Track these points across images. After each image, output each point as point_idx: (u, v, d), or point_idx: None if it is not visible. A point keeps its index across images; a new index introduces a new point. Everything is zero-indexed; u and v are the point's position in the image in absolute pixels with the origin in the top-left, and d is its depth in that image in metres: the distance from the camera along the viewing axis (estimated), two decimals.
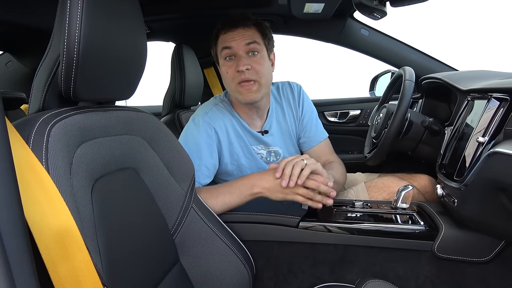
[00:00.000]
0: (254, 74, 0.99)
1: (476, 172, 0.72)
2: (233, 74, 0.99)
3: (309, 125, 1.20)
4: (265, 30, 1.04)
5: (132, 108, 0.74)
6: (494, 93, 0.77)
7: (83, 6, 0.55)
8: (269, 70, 1.05)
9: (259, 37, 1.02)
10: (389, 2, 0.95)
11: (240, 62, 0.97)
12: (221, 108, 1.11)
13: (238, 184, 0.93)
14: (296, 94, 1.19)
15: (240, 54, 0.99)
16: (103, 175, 0.64)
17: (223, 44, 1.00)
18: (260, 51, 1.01)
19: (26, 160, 0.50)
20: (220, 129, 1.08)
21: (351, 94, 2.07)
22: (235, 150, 1.10)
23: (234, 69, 0.99)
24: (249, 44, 0.99)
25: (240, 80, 0.98)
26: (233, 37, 0.99)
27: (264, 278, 0.95)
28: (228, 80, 1.02)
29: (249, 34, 1.00)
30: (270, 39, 1.06)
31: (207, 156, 1.04)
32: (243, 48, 0.99)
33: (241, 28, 0.99)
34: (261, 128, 1.14)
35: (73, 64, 0.56)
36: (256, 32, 1.01)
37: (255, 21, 1.02)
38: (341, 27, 1.68)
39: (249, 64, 0.98)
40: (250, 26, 1.01)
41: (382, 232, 0.88)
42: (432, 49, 1.72)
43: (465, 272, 0.85)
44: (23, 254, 0.36)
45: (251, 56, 1.00)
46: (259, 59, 1.01)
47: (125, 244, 0.65)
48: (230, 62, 1.00)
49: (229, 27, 1.00)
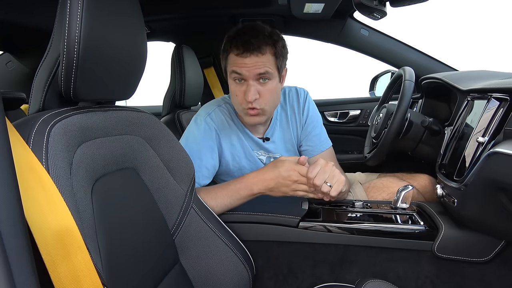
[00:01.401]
0: (262, 104, 0.97)
1: (476, 172, 0.72)
2: (242, 99, 0.97)
3: (312, 134, 1.17)
4: (280, 51, 0.98)
5: (132, 108, 0.74)
6: (494, 93, 0.77)
7: (83, 6, 0.55)
8: (277, 94, 1.02)
9: (272, 63, 0.96)
10: (389, 2, 0.95)
11: (249, 93, 0.94)
12: (224, 110, 1.10)
13: (237, 185, 0.93)
14: (302, 100, 1.16)
15: (250, 83, 0.95)
16: (103, 175, 0.64)
17: (234, 67, 0.96)
18: (271, 77, 0.97)
19: (26, 160, 0.50)
20: (222, 130, 1.07)
21: (351, 94, 2.08)
22: (237, 151, 1.10)
23: (243, 95, 0.96)
24: (260, 73, 0.94)
25: (247, 107, 0.97)
26: (245, 64, 0.93)
27: (264, 278, 0.95)
28: (235, 101, 1.01)
29: (262, 62, 0.93)
30: (284, 59, 1.00)
31: (208, 157, 1.04)
32: (254, 76, 0.95)
33: (255, 56, 0.93)
34: (263, 135, 1.13)
35: (73, 64, 0.56)
36: (270, 56, 0.95)
37: (271, 40, 0.95)
38: (341, 27, 1.68)
39: (258, 93, 0.96)
40: (265, 52, 0.94)
41: (382, 232, 0.88)
42: (432, 49, 1.72)
43: (465, 272, 0.85)
44: (23, 254, 0.36)
45: (261, 83, 0.96)
46: (269, 86, 0.97)
47: (125, 244, 0.65)
48: (239, 86, 0.97)
49: (242, 50, 0.93)
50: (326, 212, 0.95)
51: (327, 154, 1.17)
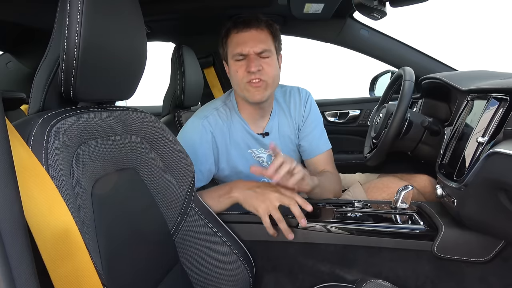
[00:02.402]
0: (264, 75, 1.00)
1: (475, 172, 0.72)
2: (243, 73, 1.00)
3: (312, 135, 1.17)
4: (276, 32, 1.04)
5: (132, 108, 0.74)
6: (493, 93, 0.77)
7: (83, 6, 0.55)
8: (278, 72, 1.06)
9: (270, 40, 1.02)
10: (389, 2, 0.95)
11: (252, 64, 0.98)
12: (222, 112, 1.10)
13: (218, 188, 0.95)
14: (303, 100, 1.17)
15: (252, 56, 0.99)
16: (103, 175, 0.64)
17: (236, 45, 1.00)
18: (270, 54, 1.01)
19: (26, 160, 0.50)
20: (219, 135, 1.07)
21: (351, 94, 2.07)
22: (233, 157, 1.10)
23: (245, 69, 0.99)
24: (261, 47, 0.99)
25: (250, 79, 0.99)
26: (246, 39, 0.99)
27: (264, 278, 0.95)
28: (237, 79, 1.02)
29: (262, 38, 1.00)
30: (279, 42, 1.07)
31: (202, 160, 1.04)
32: (255, 50, 0.99)
33: (254, 30, 1.00)
34: (262, 130, 1.13)
35: (73, 64, 0.56)
36: (268, 34, 1.02)
37: (267, 22, 1.02)
38: (340, 27, 1.68)
39: (260, 65, 0.99)
40: (263, 28, 1.01)
41: (382, 232, 0.88)
42: (432, 49, 1.72)
43: (465, 272, 0.85)
44: (23, 254, 0.36)
45: (262, 57, 1.00)
46: (270, 61, 1.01)
47: (125, 244, 0.65)
48: (240, 62, 1.01)
49: (242, 27, 0.99)
50: (326, 212, 0.95)
51: (324, 156, 1.17)
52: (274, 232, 0.87)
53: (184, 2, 1.47)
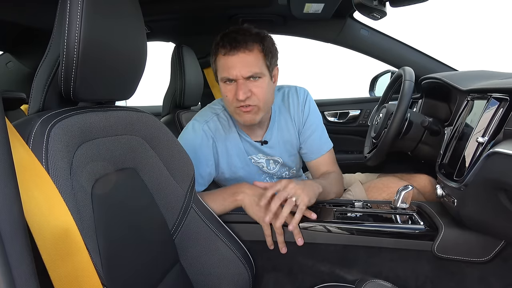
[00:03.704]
0: (254, 100, 0.95)
1: (475, 172, 0.72)
2: (232, 98, 0.96)
3: (312, 137, 1.14)
4: (268, 48, 0.96)
5: (132, 108, 0.74)
6: (493, 93, 0.77)
7: (83, 6, 0.55)
8: (270, 92, 1.00)
9: (261, 59, 0.94)
10: (389, 2, 0.95)
11: (240, 92, 0.92)
12: (222, 118, 1.09)
13: (222, 191, 0.94)
14: (302, 100, 1.14)
15: (240, 82, 0.93)
16: (103, 175, 0.64)
17: (222, 69, 0.95)
18: (261, 75, 0.95)
19: (26, 160, 0.50)
20: (219, 140, 1.07)
21: (351, 94, 2.08)
22: (233, 161, 1.09)
23: (233, 95, 0.95)
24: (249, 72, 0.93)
25: (239, 105, 0.95)
26: (234, 64, 0.92)
27: (264, 278, 0.95)
28: (227, 103, 0.99)
29: (250, 61, 0.92)
30: (273, 56, 0.99)
31: (203, 164, 1.03)
32: (243, 75, 0.93)
33: (242, 53, 0.92)
34: (261, 138, 1.11)
35: (73, 64, 0.56)
36: (258, 53, 0.94)
37: (258, 37, 0.94)
38: (340, 27, 1.68)
39: (249, 90, 0.94)
40: (252, 49, 0.93)
41: (382, 232, 0.88)
42: (432, 49, 1.72)
43: (465, 272, 0.85)
44: (23, 254, 0.36)
45: (251, 81, 0.94)
46: (260, 83, 0.95)
47: (125, 244, 0.65)
48: (229, 86, 0.96)
49: (229, 48, 0.92)
50: (326, 212, 0.95)
51: (326, 156, 1.15)
52: (272, 244, 0.89)
53: (184, 2, 1.47)
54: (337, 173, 1.15)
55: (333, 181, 1.08)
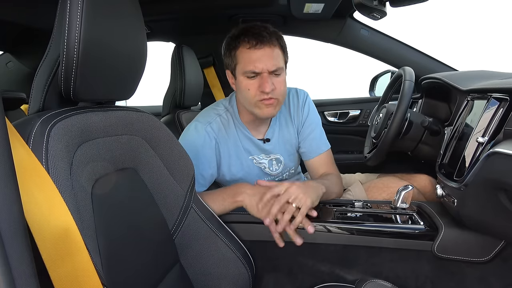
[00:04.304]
0: (276, 94, 0.98)
1: (476, 172, 0.72)
2: (255, 91, 0.98)
3: (311, 136, 1.16)
4: (285, 46, 1.02)
5: (132, 108, 0.74)
6: (493, 93, 0.77)
7: (83, 6, 0.55)
8: (286, 87, 1.05)
9: (281, 56, 1.00)
10: (389, 2, 0.95)
11: (266, 84, 0.95)
12: (224, 119, 1.09)
13: (222, 191, 0.94)
14: (301, 102, 1.16)
15: (265, 75, 0.96)
16: (103, 175, 0.64)
17: (248, 62, 0.96)
18: (282, 70, 1.00)
19: (26, 160, 0.50)
20: (222, 141, 1.07)
21: (351, 94, 2.07)
22: (235, 163, 1.10)
23: (257, 87, 0.97)
24: (275, 66, 0.97)
25: (263, 98, 0.98)
26: (259, 57, 0.95)
27: (264, 278, 0.95)
28: (248, 96, 1.00)
29: (275, 56, 0.97)
30: (287, 55, 1.04)
31: (205, 165, 1.04)
32: (269, 69, 0.96)
33: (268, 47, 0.96)
34: (263, 136, 1.13)
35: (73, 64, 0.56)
36: (279, 50, 0.99)
37: (277, 35, 0.99)
38: (340, 27, 1.68)
39: (273, 84, 0.97)
40: (276, 45, 0.97)
41: (382, 232, 0.88)
42: (432, 49, 1.72)
43: (465, 272, 0.85)
44: (23, 254, 0.36)
45: (274, 76, 0.98)
46: (281, 78, 1.00)
47: (125, 244, 0.65)
48: (252, 80, 0.97)
49: (255, 42, 0.95)
50: (326, 212, 0.95)
51: (324, 156, 1.16)
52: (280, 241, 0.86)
53: (184, 2, 1.47)
54: (337, 175, 1.16)
55: (334, 182, 1.09)
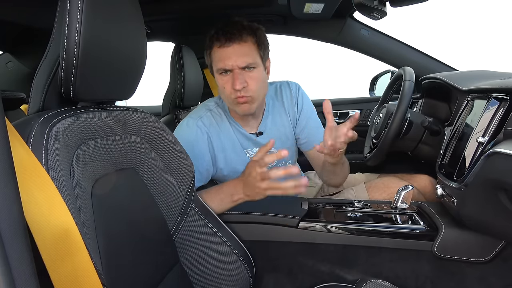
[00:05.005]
0: (249, 91, 0.98)
1: (476, 172, 0.72)
2: (230, 89, 0.98)
3: (309, 125, 1.17)
4: (261, 39, 1.01)
5: (132, 108, 0.74)
6: (494, 93, 0.77)
7: (83, 6, 0.55)
8: (264, 82, 1.04)
9: (255, 50, 0.99)
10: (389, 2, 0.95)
11: (236, 81, 0.95)
12: (215, 113, 1.10)
13: (219, 191, 0.94)
14: (294, 93, 1.17)
15: (236, 72, 0.97)
16: (103, 175, 0.64)
17: (218, 61, 0.98)
18: (256, 65, 0.99)
19: (26, 160, 0.50)
20: (214, 135, 1.07)
21: (351, 94, 2.07)
22: (230, 156, 1.10)
23: (231, 85, 0.98)
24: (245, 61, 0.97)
25: (237, 96, 0.98)
26: (229, 55, 0.96)
27: (264, 278, 0.95)
28: (226, 94, 1.01)
29: (245, 51, 0.96)
30: (266, 48, 1.03)
31: (200, 159, 1.03)
32: (239, 65, 0.96)
33: (237, 44, 0.96)
34: (256, 129, 1.13)
35: (73, 64, 0.56)
36: (252, 45, 0.98)
37: (251, 29, 0.98)
38: (340, 27, 1.68)
39: (245, 81, 0.97)
40: (246, 40, 0.97)
41: (382, 232, 0.88)
42: (432, 49, 1.72)
43: (465, 272, 0.85)
44: (23, 254, 0.36)
45: (246, 71, 0.98)
46: (255, 74, 0.99)
47: (125, 244, 0.65)
48: (226, 77, 0.98)
49: (224, 41, 0.96)
50: (326, 212, 0.95)
51: None
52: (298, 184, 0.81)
53: (184, 2, 1.47)
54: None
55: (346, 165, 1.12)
